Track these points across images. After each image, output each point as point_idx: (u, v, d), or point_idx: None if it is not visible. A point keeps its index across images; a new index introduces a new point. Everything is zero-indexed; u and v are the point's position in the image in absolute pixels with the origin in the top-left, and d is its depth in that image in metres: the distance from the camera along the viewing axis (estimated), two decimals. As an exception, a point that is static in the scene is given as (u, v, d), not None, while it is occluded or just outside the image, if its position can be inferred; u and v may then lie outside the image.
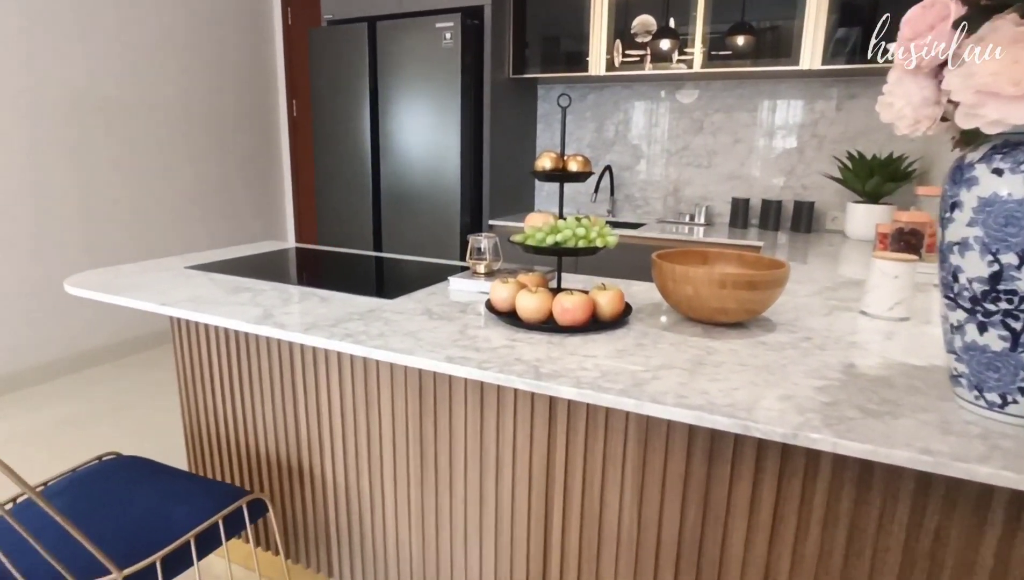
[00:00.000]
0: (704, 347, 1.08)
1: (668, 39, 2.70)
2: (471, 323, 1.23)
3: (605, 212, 3.34)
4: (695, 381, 0.92)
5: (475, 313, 1.31)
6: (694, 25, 2.65)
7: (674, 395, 0.86)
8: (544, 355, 1.03)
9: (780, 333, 1.17)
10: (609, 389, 0.88)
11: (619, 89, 3.17)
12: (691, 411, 0.82)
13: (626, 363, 1.00)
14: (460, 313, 1.31)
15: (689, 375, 0.94)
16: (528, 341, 1.12)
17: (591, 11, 2.81)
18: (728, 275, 1.13)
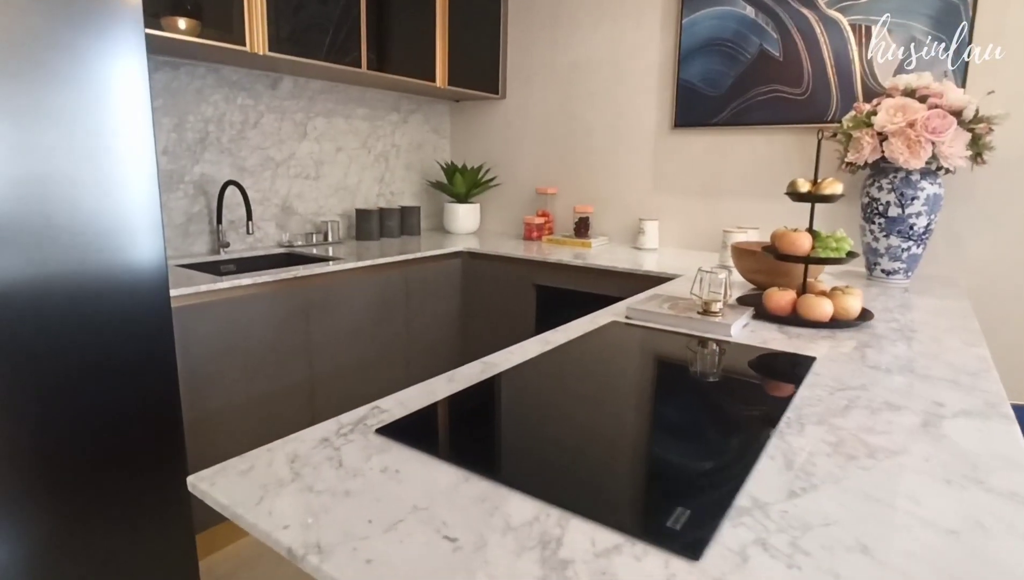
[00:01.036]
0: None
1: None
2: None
3: (216, 249, 2.32)
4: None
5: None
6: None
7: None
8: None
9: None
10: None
11: (204, 71, 2.23)
12: None
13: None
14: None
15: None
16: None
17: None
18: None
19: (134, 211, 1.47)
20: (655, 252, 2.60)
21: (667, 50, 2.60)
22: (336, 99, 2.70)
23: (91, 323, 1.43)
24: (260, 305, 1.89)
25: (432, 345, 2.57)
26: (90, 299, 1.42)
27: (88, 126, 1.38)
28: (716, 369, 1.09)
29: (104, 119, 1.41)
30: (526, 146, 3.08)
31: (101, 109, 1.40)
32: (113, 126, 1.42)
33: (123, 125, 1.45)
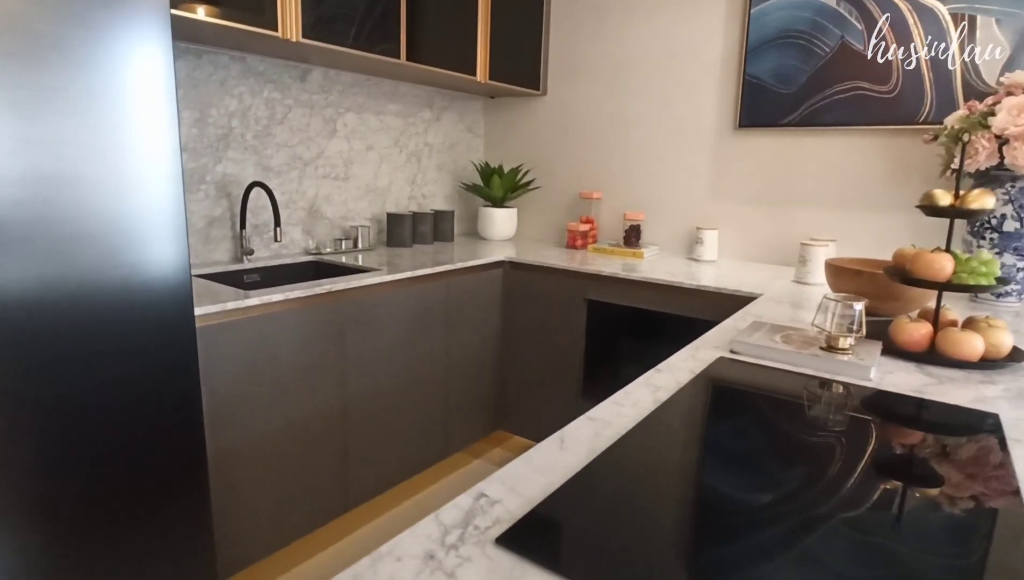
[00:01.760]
0: None
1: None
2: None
3: (239, 256, 2.11)
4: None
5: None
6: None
7: None
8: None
9: None
10: None
11: (227, 60, 2.01)
12: None
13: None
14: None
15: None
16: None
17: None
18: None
19: (154, 217, 1.26)
20: (713, 265, 2.37)
21: (731, 43, 2.37)
22: (368, 93, 2.48)
23: (104, 343, 1.21)
24: (291, 322, 1.67)
25: (473, 364, 2.35)
26: (103, 316, 1.21)
27: (103, 117, 1.17)
28: (879, 428, 0.86)
29: (122, 109, 1.19)
30: (568, 147, 2.86)
31: (119, 97, 1.18)
32: (132, 118, 1.21)
33: (143, 117, 1.23)
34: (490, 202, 2.91)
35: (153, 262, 1.27)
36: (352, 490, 1.94)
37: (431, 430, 2.22)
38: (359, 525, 2.05)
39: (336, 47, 1.91)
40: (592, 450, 0.78)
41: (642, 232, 2.60)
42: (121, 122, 1.19)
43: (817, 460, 0.76)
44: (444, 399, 2.25)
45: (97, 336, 1.20)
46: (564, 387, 2.35)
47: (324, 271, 2.22)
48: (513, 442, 2.69)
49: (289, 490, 1.74)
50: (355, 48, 1.97)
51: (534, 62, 2.77)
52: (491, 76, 2.55)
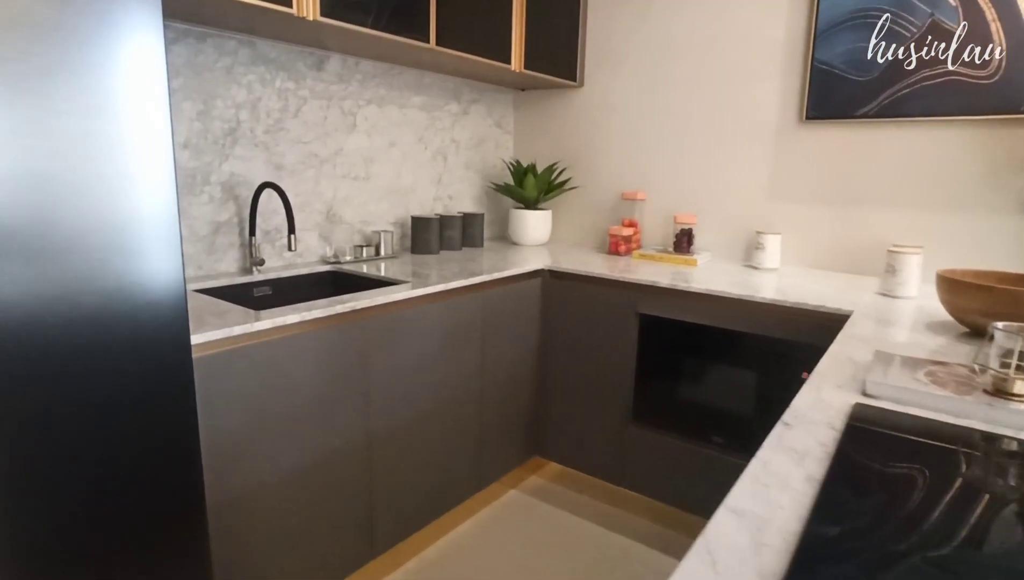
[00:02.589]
0: None
1: (395, -11, 1.76)
2: None
3: (248, 266, 1.88)
4: None
5: None
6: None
7: None
8: None
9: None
10: None
11: (235, 45, 1.78)
12: None
13: None
14: None
15: None
16: None
17: None
18: None
19: (137, 226, 1.02)
20: (776, 273, 2.11)
21: (797, 25, 2.11)
22: (390, 84, 2.24)
23: (80, 376, 0.98)
24: (307, 347, 1.43)
25: (509, 385, 2.10)
26: (77, 345, 0.97)
27: (69, 102, 0.93)
28: None
29: (94, 92, 0.95)
30: (608, 143, 2.60)
31: (95, 82, 0.95)
32: (107, 102, 0.97)
33: (126, 106, 0.99)
34: (522, 204, 2.66)
35: (137, 282, 1.03)
36: (378, 534, 1.70)
37: (464, 461, 1.97)
38: (388, 571, 1.81)
39: (359, 28, 1.67)
40: (761, 574, 0.53)
41: (694, 237, 2.34)
42: (93, 108, 0.95)
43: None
44: (478, 425, 2.01)
45: (71, 368, 0.97)
46: (611, 410, 2.10)
47: (343, 283, 1.99)
48: (550, 468, 2.45)
49: (306, 538, 1.50)
50: (380, 30, 1.73)
51: (570, 51, 2.52)
52: (527, 65, 2.30)
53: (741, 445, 1.86)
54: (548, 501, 2.22)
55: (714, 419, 1.91)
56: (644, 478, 2.06)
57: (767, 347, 1.79)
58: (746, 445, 1.86)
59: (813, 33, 2.06)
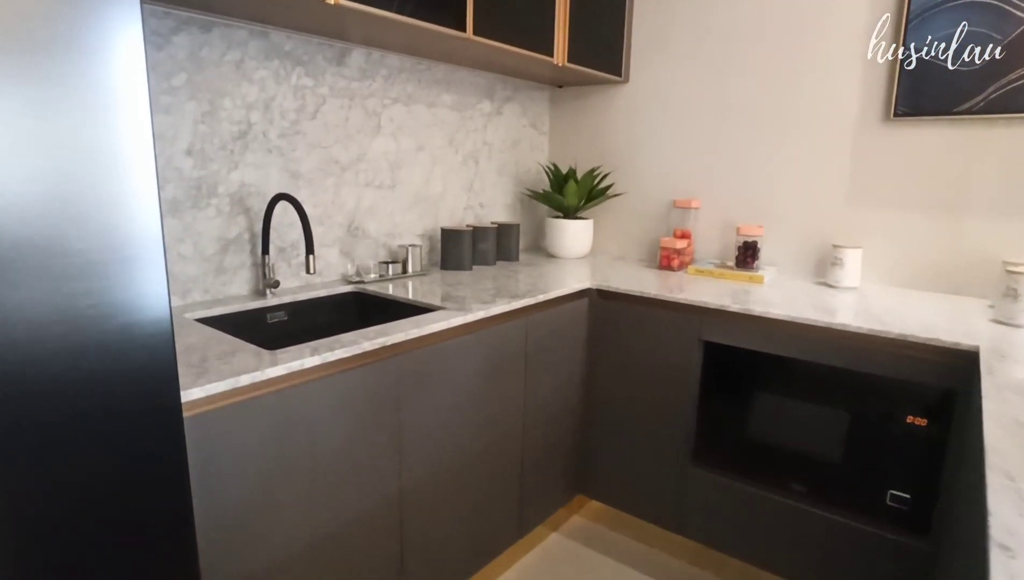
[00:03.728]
0: None
1: (429, -31, 1.53)
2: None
3: (260, 288, 1.65)
4: None
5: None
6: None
7: None
8: None
9: None
10: None
11: (245, 35, 1.55)
12: None
13: None
14: None
15: None
16: None
17: None
18: None
19: (104, 248, 0.79)
20: (857, 293, 1.85)
21: (883, 6, 1.84)
22: (418, 80, 2.00)
23: (45, 429, 0.75)
24: (330, 394, 1.19)
25: (553, 418, 1.86)
26: (28, 423, 0.74)
27: (39, 108, 0.70)
28: None
29: (66, 97, 0.72)
30: (656, 144, 2.35)
31: (58, 77, 0.72)
32: (79, 109, 0.74)
33: (98, 109, 0.76)
34: (561, 212, 2.41)
35: (102, 326, 0.80)
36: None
37: (505, 506, 1.73)
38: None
39: (387, 13, 1.43)
40: None
41: (759, 250, 2.08)
42: (64, 115, 0.72)
43: None
44: (519, 466, 1.76)
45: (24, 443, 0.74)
46: (669, 448, 1.85)
47: (368, 306, 1.75)
48: (591, 507, 2.20)
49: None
50: (410, 17, 1.49)
51: (615, 42, 2.26)
52: (570, 59, 2.05)
53: (827, 495, 1.60)
54: (594, 546, 1.97)
55: (793, 464, 1.65)
56: (706, 527, 1.80)
57: (860, 382, 1.53)
58: (833, 496, 1.59)
59: (905, 16, 1.79)
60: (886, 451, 1.50)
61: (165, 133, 1.42)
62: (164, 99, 1.41)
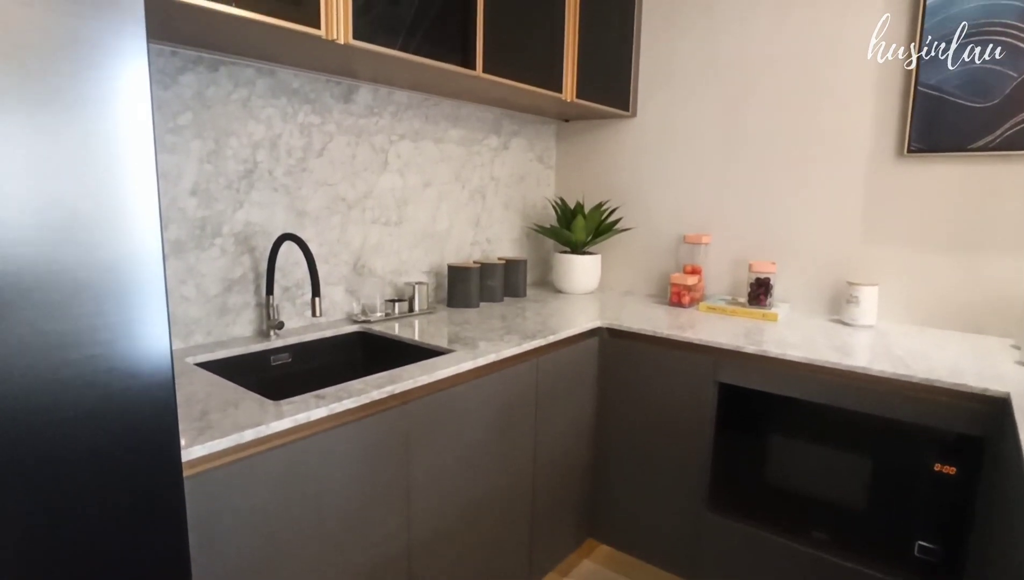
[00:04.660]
0: None
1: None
2: None
3: (264, 329, 1.61)
4: None
5: None
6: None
7: None
8: None
9: None
10: None
11: (252, 74, 1.53)
12: None
13: None
14: None
15: None
16: None
17: None
18: None
19: (100, 293, 0.75)
20: (874, 331, 1.81)
21: (896, 42, 1.83)
22: (425, 116, 1.99)
23: (25, 502, 0.70)
24: (338, 446, 1.14)
25: (563, 462, 1.80)
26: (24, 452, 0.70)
27: (41, 146, 0.67)
28: None
29: (68, 137, 0.69)
30: (664, 178, 2.33)
31: (60, 115, 0.69)
32: (82, 149, 0.71)
33: (101, 149, 0.73)
34: (568, 247, 2.38)
35: (106, 379, 0.76)
36: (415, 662, 1.39)
37: (516, 554, 1.67)
38: None
39: (396, 53, 1.42)
40: None
41: (772, 287, 2.04)
42: (60, 149, 0.69)
43: None
44: (530, 512, 1.70)
45: (18, 483, 0.69)
46: (683, 493, 1.79)
47: (374, 347, 1.71)
48: (602, 552, 2.12)
49: None
50: (420, 56, 1.48)
51: (623, 76, 2.26)
52: (579, 94, 2.04)
53: (850, 544, 1.54)
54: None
55: (814, 511, 1.59)
56: (722, 575, 1.73)
57: (884, 427, 1.47)
58: (857, 545, 1.53)
59: (917, 51, 1.78)
60: (913, 499, 1.44)
61: (169, 173, 1.39)
62: (169, 138, 1.38)
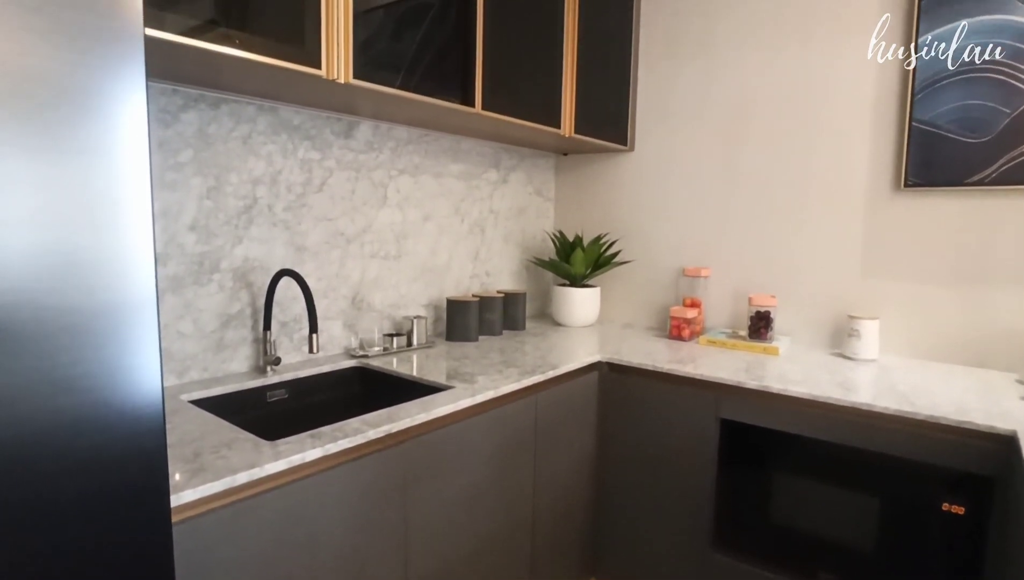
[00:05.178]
0: None
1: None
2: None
3: (261, 365, 1.59)
4: None
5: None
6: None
7: None
8: None
9: None
10: None
11: (253, 111, 1.54)
12: None
13: None
14: None
15: None
16: None
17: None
18: None
19: (103, 345, 0.73)
20: (876, 365, 1.79)
21: (888, 80, 1.86)
22: (425, 151, 2.00)
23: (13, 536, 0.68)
24: (334, 487, 1.12)
25: (564, 499, 1.77)
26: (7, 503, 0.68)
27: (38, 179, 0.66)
28: None
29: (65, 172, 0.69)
30: (663, 211, 2.34)
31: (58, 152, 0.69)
32: (78, 184, 0.71)
33: (95, 189, 0.73)
34: (567, 280, 2.38)
35: (93, 423, 0.74)
36: None
37: (513, 601, 1.62)
38: None
39: (397, 91, 1.43)
40: None
41: (773, 320, 2.03)
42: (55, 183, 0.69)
43: None
44: (530, 548, 1.66)
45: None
46: (687, 531, 1.75)
47: (372, 383, 1.69)
48: (606, 592, 2.07)
49: None
50: (420, 94, 1.49)
51: (621, 111, 2.28)
52: (576, 129, 2.06)
53: (860, 587, 1.50)
54: (611, 641, 1.84)
55: (821, 551, 1.55)
56: (732, 619, 1.68)
57: (890, 465, 1.45)
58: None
59: (911, 89, 1.80)
60: (922, 539, 1.41)
61: (170, 209, 1.39)
62: (170, 176, 1.39)
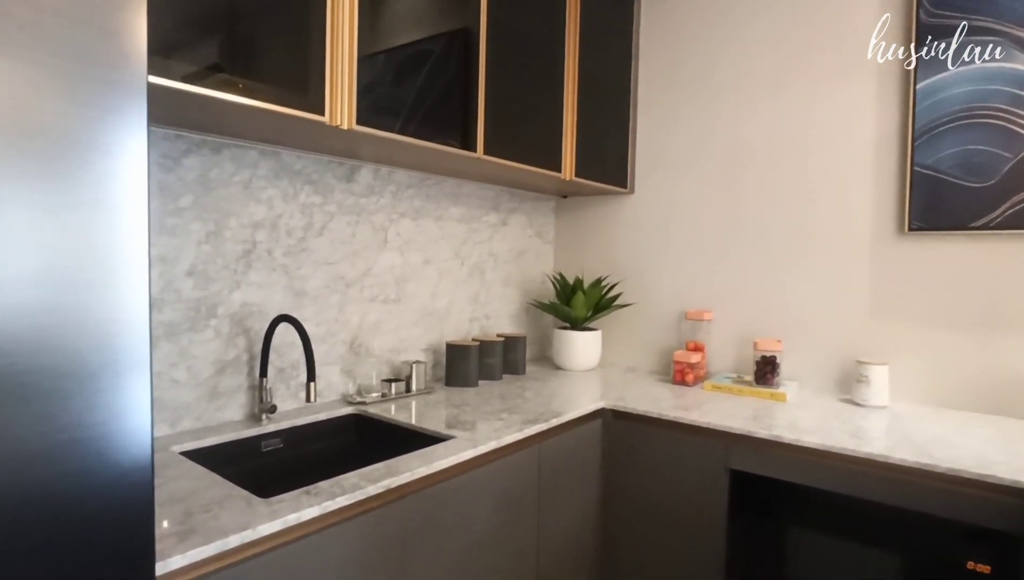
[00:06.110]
0: None
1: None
2: None
3: (256, 413, 1.54)
4: None
5: None
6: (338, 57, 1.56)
7: None
8: None
9: None
10: None
11: (255, 156, 1.53)
12: None
13: None
14: None
15: None
16: None
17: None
18: None
19: (85, 379, 0.69)
20: (888, 412, 1.75)
21: (888, 125, 1.87)
22: (427, 194, 2.00)
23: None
24: (330, 549, 1.06)
25: (568, 554, 1.69)
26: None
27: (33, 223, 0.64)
28: None
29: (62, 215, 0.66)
30: (664, 255, 2.32)
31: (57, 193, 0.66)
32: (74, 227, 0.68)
33: (91, 236, 0.70)
34: (568, 323, 2.35)
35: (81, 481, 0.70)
36: None
37: (516, 665, 1.54)
38: None
39: (398, 137, 1.43)
40: None
41: (779, 365, 1.99)
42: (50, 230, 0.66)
43: None
44: (533, 615, 1.58)
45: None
46: (698, 591, 1.67)
47: (369, 431, 1.64)
48: (612, 652, 1.97)
49: None
50: (422, 139, 1.49)
51: (621, 155, 2.29)
52: (577, 173, 2.06)
53: (882, 650, 1.42)
54: None
55: (840, 610, 1.48)
56: None
57: (909, 519, 1.39)
58: (889, 650, 1.41)
59: (911, 134, 1.81)
60: (945, 600, 1.34)
61: (168, 255, 1.37)
62: (170, 221, 1.37)
